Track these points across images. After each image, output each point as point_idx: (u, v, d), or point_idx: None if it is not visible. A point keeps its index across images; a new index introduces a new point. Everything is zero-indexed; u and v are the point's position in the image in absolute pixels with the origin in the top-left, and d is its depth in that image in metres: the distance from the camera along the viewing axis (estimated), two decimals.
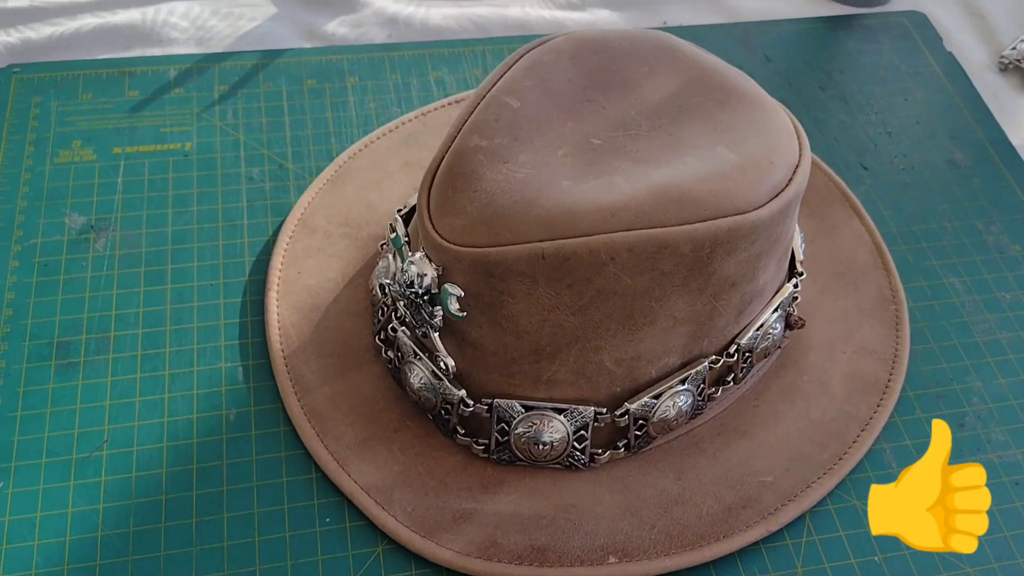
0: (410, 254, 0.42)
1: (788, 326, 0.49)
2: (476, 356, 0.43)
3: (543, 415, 0.44)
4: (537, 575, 0.42)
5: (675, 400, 0.45)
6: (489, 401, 0.44)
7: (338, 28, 0.65)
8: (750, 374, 0.49)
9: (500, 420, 0.44)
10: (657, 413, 0.44)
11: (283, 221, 0.53)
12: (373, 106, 0.60)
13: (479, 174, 0.41)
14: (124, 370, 0.47)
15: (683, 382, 0.45)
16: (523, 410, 0.44)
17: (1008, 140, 0.62)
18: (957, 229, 0.57)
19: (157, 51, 0.62)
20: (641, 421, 0.45)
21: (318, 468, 0.45)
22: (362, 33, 0.65)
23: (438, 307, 0.42)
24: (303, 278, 0.51)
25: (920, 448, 0.48)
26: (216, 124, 0.58)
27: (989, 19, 0.71)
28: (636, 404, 0.44)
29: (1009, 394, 0.50)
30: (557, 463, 0.45)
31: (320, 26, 0.65)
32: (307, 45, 0.64)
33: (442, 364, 0.43)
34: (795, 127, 0.45)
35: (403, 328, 0.45)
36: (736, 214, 0.41)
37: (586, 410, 0.44)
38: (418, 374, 0.45)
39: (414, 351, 0.45)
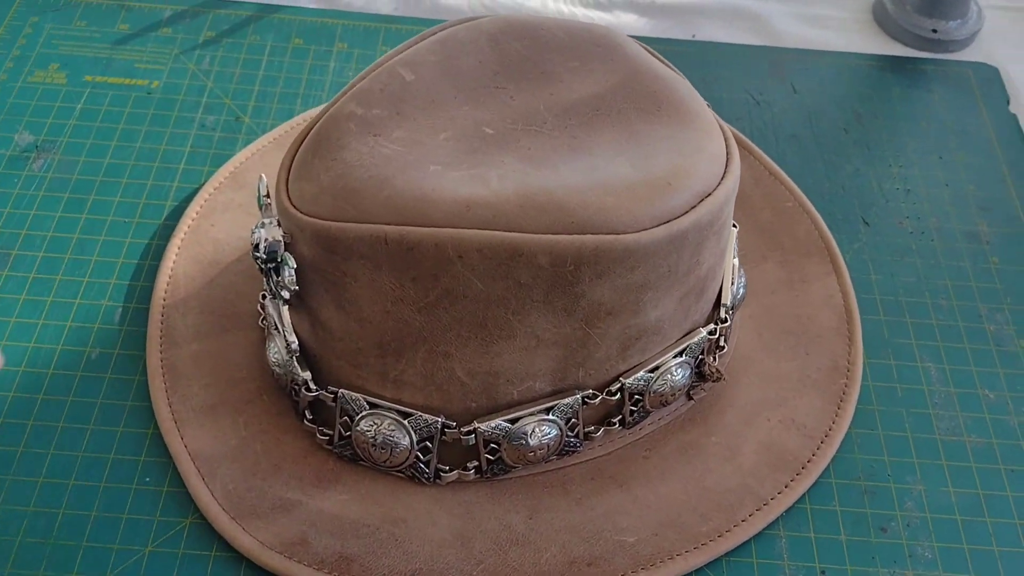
0: (268, 217, 0.39)
1: (702, 376, 0.43)
2: (326, 339, 0.40)
3: (387, 416, 0.40)
4: None
5: (537, 429, 0.40)
6: (335, 390, 0.40)
7: None
8: (645, 420, 0.43)
9: (344, 412, 0.41)
10: (513, 439, 0.40)
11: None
12: (352, 76, 0.58)
13: (344, 143, 0.38)
14: (12, 289, 0.47)
15: (549, 411, 0.40)
16: (368, 406, 0.40)
17: None
18: (954, 309, 0.49)
19: None
20: (493, 445, 0.40)
21: (156, 425, 0.43)
22: (370, 1, 0.63)
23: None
24: (214, 231, 0.49)
25: (825, 545, 0.41)
26: (190, 67, 0.57)
27: None
28: (487, 424, 0.39)
29: (956, 507, 0.43)
30: (399, 471, 0.41)
31: None
32: (312, 5, 0.62)
33: (288, 340, 0.40)
34: (728, 154, 0.40)
35: (270, 297, 0.42)
36: (608, 233, 0.36)
37: (432, 420, 0.40)
38: (274, 348, 0.42)
39: (275, 323, 0.42)
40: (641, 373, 0.41)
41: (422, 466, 0.41)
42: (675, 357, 0.41)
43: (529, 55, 0.41)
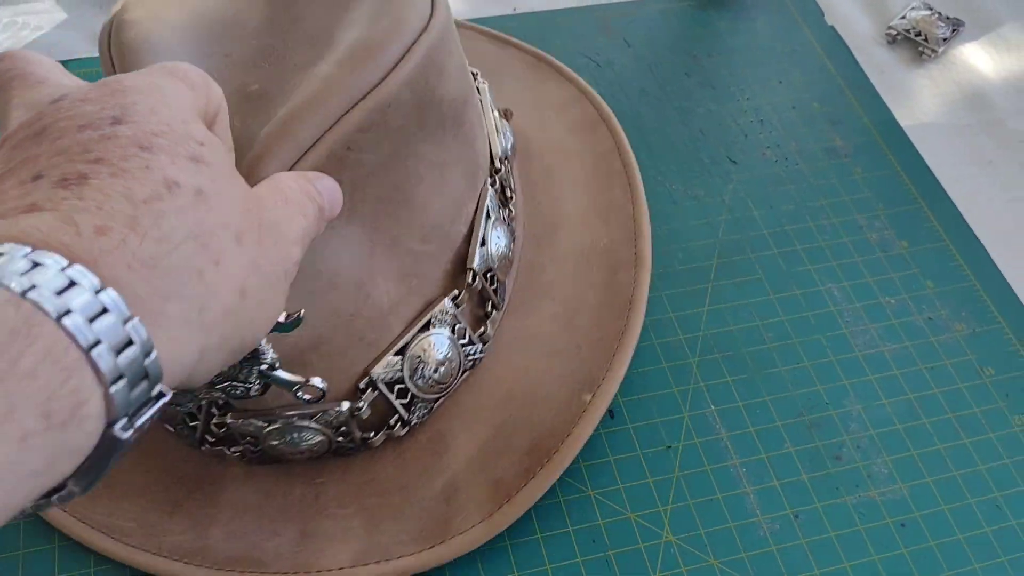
0: None
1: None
2: None
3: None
4: None
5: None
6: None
7: None
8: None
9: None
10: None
11: None
12: None
13: None
14: None
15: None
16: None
17: (895, 121, 0.56)
18: (836, 227, 0.51)
19: None
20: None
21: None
22: None
23: None
24: None
25: (790, 489, 0.41)
26: None
27: None
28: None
29: (894, 417, 0.44)
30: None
31: None
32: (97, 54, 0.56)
33: (314, 386, 0.34)
34: None
35: (231, 414, 0.37)
36: (419, 28, 0.36)
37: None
38: (309, 433, 0.37)
39: (290, 421, 0.37)
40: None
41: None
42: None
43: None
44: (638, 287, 0.44)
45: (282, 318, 0.30)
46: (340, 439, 0.37)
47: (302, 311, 0.31)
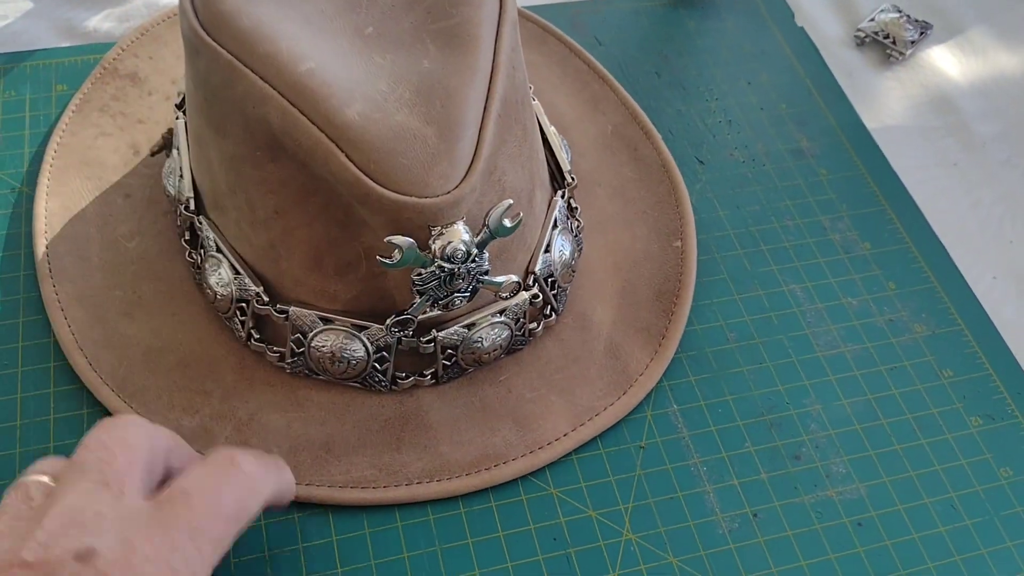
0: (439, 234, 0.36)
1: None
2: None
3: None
4: None
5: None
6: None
7: (102, 23, 0.56)
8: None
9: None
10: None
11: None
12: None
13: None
14: None
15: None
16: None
17: (862, 123, 0.56)
18: (800, 228, 0.51)
19: None
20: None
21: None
22: (130, 27, 0.56)
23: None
24: None
25: (750, 488, 0.41)
26: None
27: None
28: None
29: (853, 417, 0.44)
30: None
31: (82, 21, 0.56)
32: (65, 44, 0.55)
33: (512, 281, 0.40)
34: None
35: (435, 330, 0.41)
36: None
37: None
38: (499, 329, 0.42)
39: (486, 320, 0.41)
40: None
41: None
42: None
43: None
44: (661, 153, 0.51)
45: (508, 222, 0.37)
46: (518, 332, 0.42)
47: (521, 212, 0.38)
